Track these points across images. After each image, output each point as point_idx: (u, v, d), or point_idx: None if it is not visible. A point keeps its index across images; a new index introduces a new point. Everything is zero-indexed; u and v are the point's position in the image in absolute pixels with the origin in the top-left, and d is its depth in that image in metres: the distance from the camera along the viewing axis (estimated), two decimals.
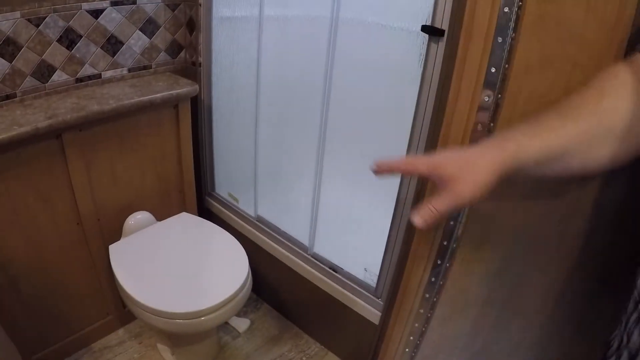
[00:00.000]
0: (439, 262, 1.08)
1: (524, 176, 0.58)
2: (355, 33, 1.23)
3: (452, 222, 1.01)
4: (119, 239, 1.59)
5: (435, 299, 1.12)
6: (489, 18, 0.77)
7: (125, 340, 1.75)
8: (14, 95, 1.37)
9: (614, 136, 0.56)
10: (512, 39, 0.76)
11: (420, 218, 0.56)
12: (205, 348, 1.63)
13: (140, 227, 1.61)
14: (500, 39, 0.78)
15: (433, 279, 1.11)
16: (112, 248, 1.49)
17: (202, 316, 1.29)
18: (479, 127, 0.89)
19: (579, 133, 0.56)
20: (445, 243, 1.04)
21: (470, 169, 0.55)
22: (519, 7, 0.73)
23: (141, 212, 1.65)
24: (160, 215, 1.70)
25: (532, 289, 1.07)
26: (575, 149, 0.56)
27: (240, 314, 1.86)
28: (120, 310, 1.76)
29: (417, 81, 1.08)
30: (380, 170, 0.62)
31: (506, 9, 0.75)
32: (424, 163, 0.59)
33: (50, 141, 1.33)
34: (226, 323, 1.81)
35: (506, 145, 0.56)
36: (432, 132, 1.07)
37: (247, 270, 1.43)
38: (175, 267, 1.44)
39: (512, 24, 0.75)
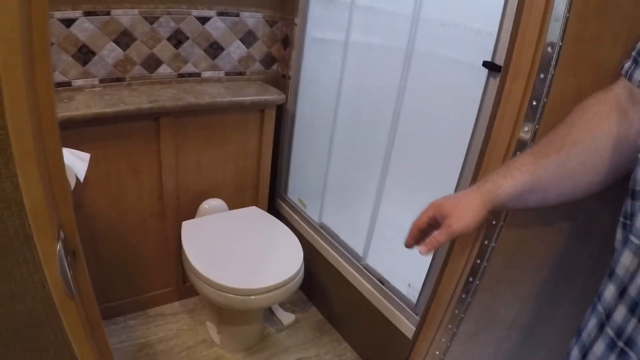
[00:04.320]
0: (470, 279, 1.14)
1: (510, 207, 0.75)
2: (426, 64, 1.34)
3: (486, 242, 1.08)
4: (192, 219, 1.79)
5: (462, 315, 1.18)
6: (533, 56, 0.86)
7: (178, 313, 1.92)
8: (123, 79, 1.62)
9: (583, 165, 0.65)
10: (553, 75, 0.84)
11: (425, 247, 0.76)
12: (250, 332, 1.77)
13: (213, 212, 1.80)
14: (542, 76, 0.86)
15: (464, 296, 1.17)
16: (185, 224, 1.68)
17: (251, 295, 1.43)
18: None
19: (547, 167, 0.67)
20: (478, 261, 1.11)
21: (459, 208, 0.73)
22: (560, 47, 0.81)
23: (216, 199, 1.84)
24: (232, 205, 1.88)
25: (560, 321, 1.10)
26: (546, 182, 0.67)
27: (288, 310, 1.99)
28: (181, 285, 1.95)
29: (475, 112, 1.17)
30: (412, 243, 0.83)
31: (549, 49, 0.83)
32: (428, 212, 0.78)
33: (149, 122, 1.55)
34: (272, 313, 1.94)
35: (485, 186, 0.72)
36: (478, 165, 1.15)
37: (300, 265, 1.56)
38: (237, 249, 1.60)
39: (553, 62, 0.83)
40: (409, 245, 0.82)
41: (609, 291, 0.56)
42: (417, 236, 0.81)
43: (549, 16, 0.81)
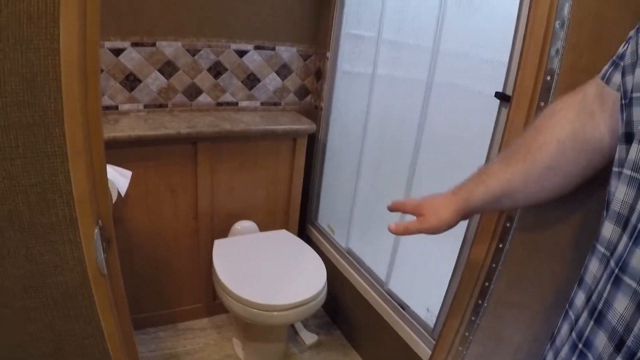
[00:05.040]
0: (479, 302, 1.18)
1: (485, 211, 0.83)
2: (445, 94, 1.42)
3: (494, 265, 1.12)
4: (224, 238, 1.88)
5: (471, 338, 1.21)
6: (534, 85, 0.92)
7: (206, 328, 2.01)
8: (166, 106, 1.77)
9: (549, 169, 0.68)
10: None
11: (396, 226, 0.83)
12: (273, 350, 1.82)
13: (244, 233, 1.90)
14: (543, 103, 0.92)
15: (473, 318, 1.20)
16: (217, 242, 1.78)
17: (274, 311, 1.50)
18: None
19: (515, 174, 0.71)
20: (486, 284, 1.15)
21: (434, 210, 0.79)
22: (558, 75, 0.87)
23: (248, 221, 1.94)
24: (263, 227, 1.98)
25: None
26: (515, 188, 0.72)
27: (313, 332, 2.03)
28: (210, 301, 2.04)
29: (489, 141, 1.23)
30: (392, 209, 0.89)
31: (548, 78, 0.89)
32: (410, 205, 0.84)
33: (187, 146, 1.68)
34: (296, 333, 2.00)
35: (459, 193, 0.78)
36: None
37: (322, 285, 1.62)
38: (264, 268, 1.68)
39: (552, 90, 0.89)
40: (390, 208, 0.88)
41: (579, 298, 0.59)
42: (397, 210, 0.87)
43: (547, 47, 0.88)
